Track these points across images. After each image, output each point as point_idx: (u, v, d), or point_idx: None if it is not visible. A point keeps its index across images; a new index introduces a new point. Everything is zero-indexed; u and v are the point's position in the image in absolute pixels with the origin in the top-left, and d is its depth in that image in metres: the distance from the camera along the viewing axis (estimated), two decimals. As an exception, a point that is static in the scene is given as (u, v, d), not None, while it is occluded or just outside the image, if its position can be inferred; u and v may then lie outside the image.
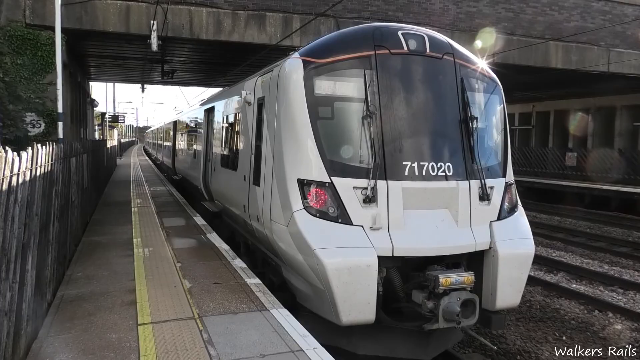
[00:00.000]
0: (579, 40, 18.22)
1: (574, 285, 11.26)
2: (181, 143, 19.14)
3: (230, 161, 9.45)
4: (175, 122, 22.11)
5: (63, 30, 12.02)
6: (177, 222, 11.00)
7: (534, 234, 6.85)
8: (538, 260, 13.15)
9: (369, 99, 6.16)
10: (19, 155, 4.03)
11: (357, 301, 5.60)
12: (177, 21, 13.96)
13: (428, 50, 6.55)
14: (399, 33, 6.53)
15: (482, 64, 7.19)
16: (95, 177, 13.05)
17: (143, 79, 28.86)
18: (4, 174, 3.57)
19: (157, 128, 39.54)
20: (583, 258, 13.79)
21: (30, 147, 4.56)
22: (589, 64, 18.79)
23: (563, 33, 17.95)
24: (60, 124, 11.97)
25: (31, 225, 4.57)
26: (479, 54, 16.37)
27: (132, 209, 12.65)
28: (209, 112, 12.63)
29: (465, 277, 5.76)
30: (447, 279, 5.64)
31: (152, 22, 13.00)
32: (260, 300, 5.82)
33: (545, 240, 15.90)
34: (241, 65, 18.00)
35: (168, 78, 23.66)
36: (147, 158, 49.42)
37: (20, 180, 4.10)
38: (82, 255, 7.91)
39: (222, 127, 10.73)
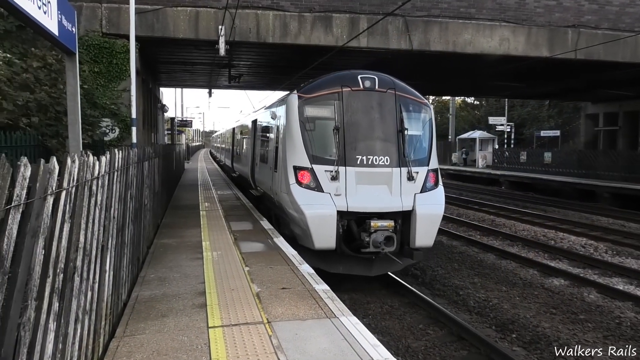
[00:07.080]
0: (673, 32, 16.82)
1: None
2: (237, 146, 23.08)
3: (265, 157, 13.00)
4: (233, 129, 25.82)
5: (136, 38, 12.46)
6: (244, 226, 11.14)
7: (618, 244, 6.43)
8: (627, 274, 12.04)
9: (336, 118, 9.85)
10: (98, 159, 4.14)
11: (324, 235, 9.24)
12: (244, 25, 14.14)
13: (377, 87, 10.11)
14: (358, 77, 10.10)
15: (416, 94, 10.57)
16: (165, 181, 13.44)
17: (210, 84, 29.55)
18: (85, 177, 3.65)
19: (221, 133, 45.20)
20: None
21: (108, 152, 4.68)
22: (687, 58, 17.20)
23: (656, 25, 16.55)
24: (133, 129, 12.40)
25: (109, 227, 4.69)
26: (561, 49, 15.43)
27: (201, 213, 12.94)
28: (254, 122, 16.17)
29: (387, 223, 9.40)
30: (375, 223, 9.33)
31: (220, 27, 13.26)
32: (328, 306, 5.72)
33: (635, 251, 14.10)
34: (307, 68, 17.93)
35: (234, 82, 24.11)
36: (212, 161, 50.70)
37: (100, 184, 4.20)
38: (154, 257, 8.12)
39: (261, 134, 14.22)
